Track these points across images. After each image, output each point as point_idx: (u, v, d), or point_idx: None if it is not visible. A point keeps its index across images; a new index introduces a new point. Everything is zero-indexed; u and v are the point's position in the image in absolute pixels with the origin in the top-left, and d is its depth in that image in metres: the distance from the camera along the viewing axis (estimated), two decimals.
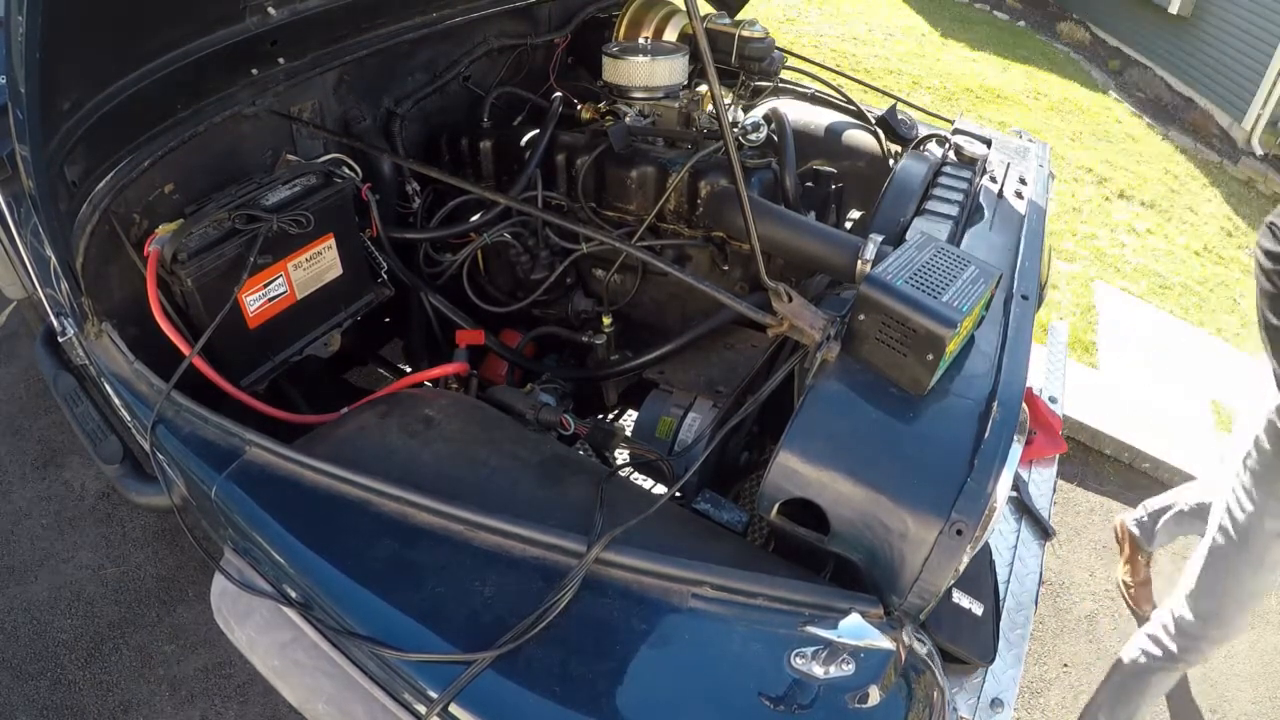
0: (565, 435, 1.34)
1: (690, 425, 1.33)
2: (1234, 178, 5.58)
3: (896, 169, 1.51)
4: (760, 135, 1.58)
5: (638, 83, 1.58)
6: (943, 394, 0.97)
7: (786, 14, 6.66)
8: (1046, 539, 1.37)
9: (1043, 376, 1.80)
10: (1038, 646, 2.20)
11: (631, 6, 1.95)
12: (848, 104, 1.94)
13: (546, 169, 1.62)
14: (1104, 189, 4.83)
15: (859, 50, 6.15)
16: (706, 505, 1.07)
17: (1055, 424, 1.66)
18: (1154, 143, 5.81)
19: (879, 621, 0.84)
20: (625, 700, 0.78)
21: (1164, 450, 2.85)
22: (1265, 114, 5.69)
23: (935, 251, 1.04)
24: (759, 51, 1.75)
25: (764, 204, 1.41)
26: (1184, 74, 6.62)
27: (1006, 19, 8.02)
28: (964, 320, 0.93)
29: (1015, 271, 1.27)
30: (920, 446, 0.92)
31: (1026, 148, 1.80)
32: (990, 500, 0.86)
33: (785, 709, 0.77)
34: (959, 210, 1.38)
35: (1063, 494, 2.69)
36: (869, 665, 0.80)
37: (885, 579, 0.89)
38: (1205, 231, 4.69)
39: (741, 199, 0.99)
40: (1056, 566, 2.44)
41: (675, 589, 0.86)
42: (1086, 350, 3.28)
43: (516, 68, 2.02)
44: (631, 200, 1.56)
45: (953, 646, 0.99)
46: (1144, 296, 3.84)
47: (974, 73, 6.18)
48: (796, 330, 1.04)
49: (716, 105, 0.89)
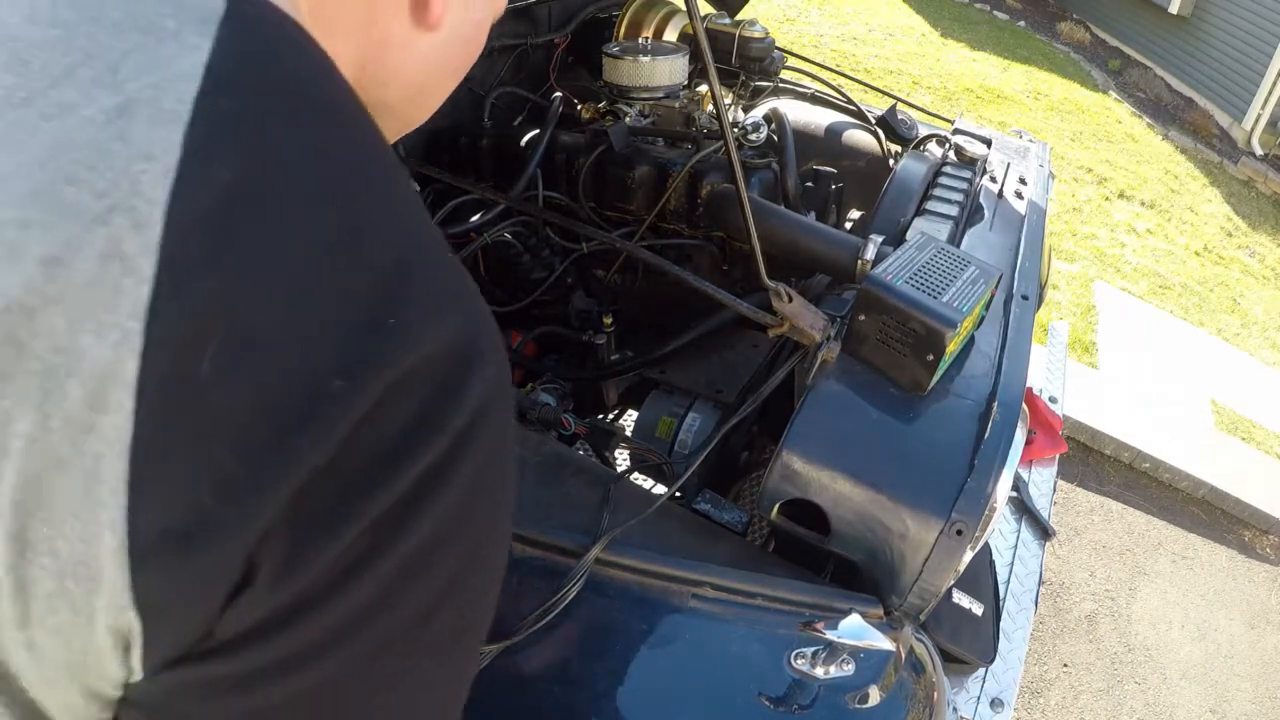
0: (565, 435, 1.34)
1: (691, 425, 1.32)
2: (1234, 178, 5.58)
3: (896, 169, 1.50)
4: (760, 135, 1.58)
5: (638, 83, 1.57)
6: (943, 394, 0.97)
7: (786, 14, 6.66)
8: (1046, 539, 1.37)
9: (1043, 376, 1.80)
10: (1038, 646, 2.20)
11: (631, 6, 1.95)
12: (848, 104, 1.94)
13: (547, 169, 1.62)
14: (1104, 189, 4.83)
15: (859, 50, 6.15)
16: (706, 505, 1.07)
17: (1055, 424, 1.66)
18: (1154, 143, 5.81)
19: (879, 621, 0.84)
20: (625, 700, 0.78)
21: (1164, 450, 2.85)
22: (1265, 114, 5.69)
23: (935, 251, 1.04)
24: (759, 51, 1.75)
25: (764, 204, 1.41)
26: (1184, 74, 6.62)
27: (1006, 19, 8.02)
28: (964, 320, 0.93)
29: (1015, 271, 1.27)
30: (920, 446, 0.92)
31: (1026, 148, 1.80)
32: (990, 500, 0.86)
33: (785, 709, 0.77)
34: (959, 210, 1.38)
35: (1063, 494, 2.69)
36: (869, 665, 0.81)
37: (885, 579, 0.89)
38: (1205, 231, 4.69)
39: (741, 199, 0.99)
40: (1056, 566, 2.44)
41: (675, 589, 0.86)
42: (1086, 350, 3.28)
43: (516, 68, 2.02)
44: (632, 200, 1.56)
45: (953, 646, 0.99)
46: (1144, 296, 3.84)
47: (974, 73, 6.18)
48: (797, 330, 1.04)
49: (716, 105, 0.89)
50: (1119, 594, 2.40)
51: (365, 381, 0.29)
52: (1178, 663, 2.27)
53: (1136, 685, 2.18)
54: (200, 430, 0.27)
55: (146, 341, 0.26)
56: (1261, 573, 2.64)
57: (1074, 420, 2.86)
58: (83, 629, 0.27)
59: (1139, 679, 2.20)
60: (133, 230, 0.27)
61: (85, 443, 0.26)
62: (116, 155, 0.28)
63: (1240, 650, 2.33)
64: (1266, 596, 2.55)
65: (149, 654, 0.28)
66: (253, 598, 0.28)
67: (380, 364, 0.29)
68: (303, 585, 0.28)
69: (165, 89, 0.29)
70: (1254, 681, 2.25)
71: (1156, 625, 2.36)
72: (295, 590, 0.28)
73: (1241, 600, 2.52)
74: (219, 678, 0.29)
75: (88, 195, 0.27)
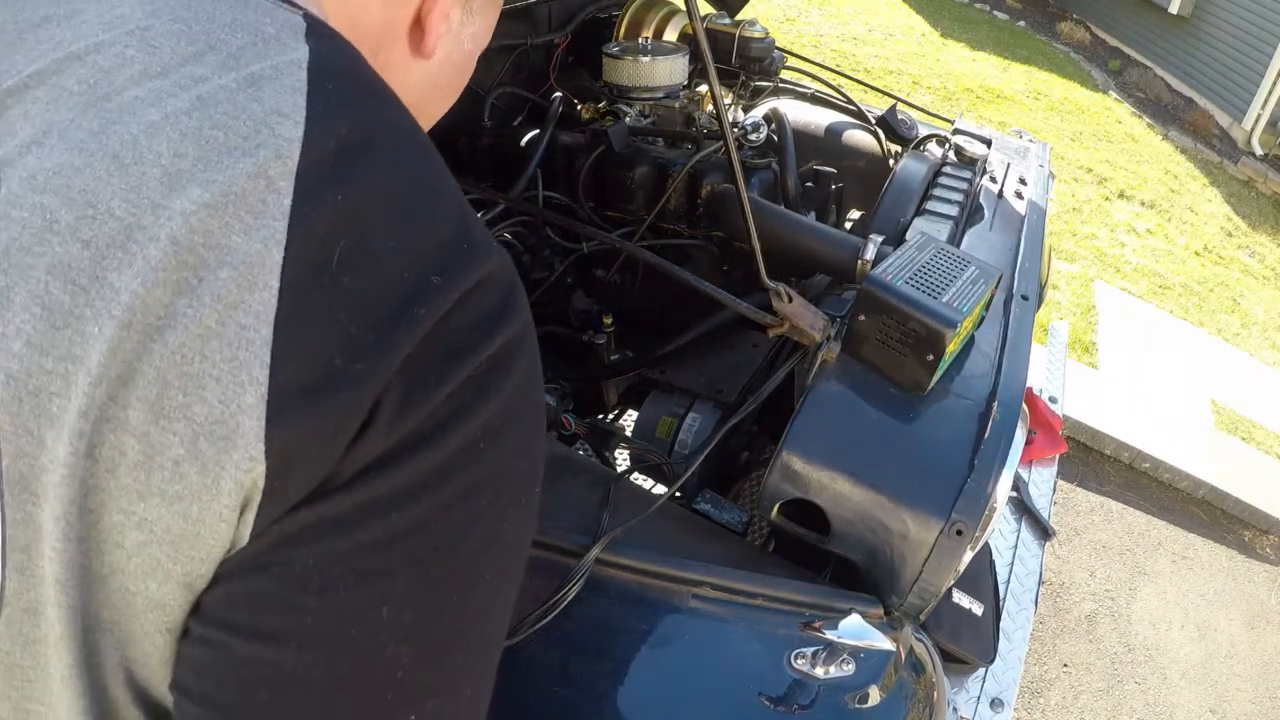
0: (565, 435, 1.34)
1: (691, 425, 1.32)
2: (1234, 178, 5.58)
3: (896, 169, 1.51)
4: (760, 135, 1.58)
5: (638, 83, 1.58)
6: (943, 394, 0.97)
7: (786, 14, 6.66)
8: (1046, 539, 1.37)
9: (1043, 376, 1.80)
10: (1038, 646, 2.20)
11: (631, 6, 1.95)
12: (848, 104, 1.94)
13: (547, 169, 1.62)
14: (1104, 189, 4.83)
15: (859, 50, 6.15)
16: (706, 505, 1.07)
17: (1055, 424, 1.66)
18: (1154, 143, 5.81)
19: (879, 621, 0.84)
20: (625, 700, 0.78)
21: (1164, 450, 2.85)
22: (1265, 114, 5.69)
23: (935, 252, 1.04)
24: (759, 51, 1.75)
25: (764, 204, 1.41)
26: (1184, 74, 6.62)
27: (1006, 19, 8.02)
28: (964, 320, 0.93)
29: (1015, 271, 1.27)
30: (920, 447, 0.92)
31: (1026, 148, 1.80)
32: (990, 500, 0.86)
33: (785, 709, 0.77)
34: (959, 210, 1.38)
35: (1063, 494, 2.69)
36: (869, 665, 0.81)
37: (885, 579, 0.89)
38: (1205, 231, 4.69)
39: (741, 199, 0.99)
40: (1056, 566, 2.44)
41: (675, 589, 0.86)
42: (1086, 350, 3.28)
43: (516, 68, 2.02)
44: (632, 200, 1.56)
45: (953, 646, 0.99)
46: (1144, 296, 3.85)
47: (974, 73, 6.18)
48: (797, 330, 1.04)
49: (716, 105, 0.89)
50: (1119, 594, 2.40)
51: (455, 281, 0.37)
52: (1178, 663, 2.27)
53: (1136, 685, 2.18)
54: (333, 307, 0.33)
55: (290, 238, 0.33)
56: (1261, 573, 2.64)
57: (1074, 420, 2.86)
58: (207, 490, 0.32)
59: (1139, 679, 2.20)
60: (275, 159, 0.34)
61: (233, 315, 0.32)
62: (253, 110, 0.35)
63: (1240, 650, 2.33)
64: (1266, 596, 2.55)
65: (266, 508, 0.33)
66: (373, 437, 0.34)
67: (464, 270, 0.37)
68: (411, 427, 0.35)
69: (283, 70, 0.37)
70: (1254, 681, 2.25)
71: (1156, 625, 2.36)
72: (405, 431, 0.34)
73: (1241, 600, 2.52)
74: (325, 518, 0.34)
75: (235, 137, 0.34)
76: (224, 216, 0.33)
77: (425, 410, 0.35)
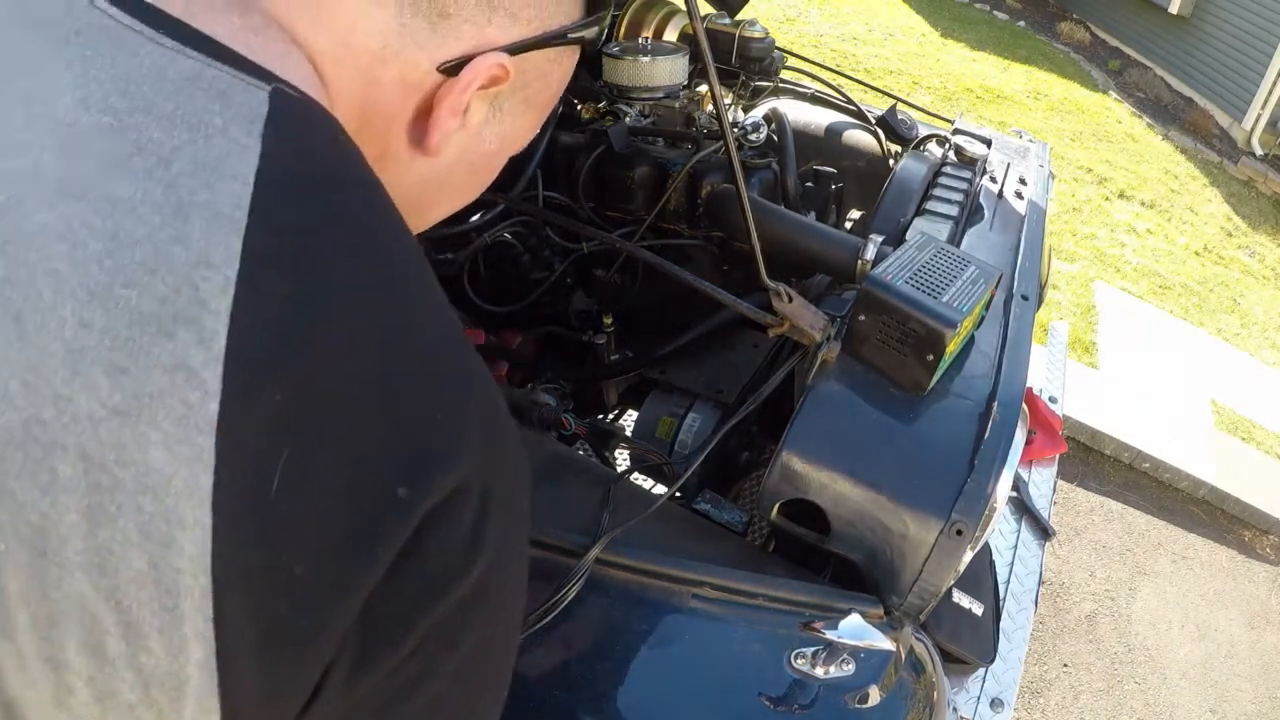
0: (565, 435, 1.34)
1: (691, 425, 1.32)
2: (1234, 178, 5.58)
3: (896, 169, 1.50)
4: (760, 135, 1.58)
5: (638, 83, 1.57)
6: (943, 394, 0.97)
7: (786, 14, 6.66)
8: (1046, 539, 1.37)
9: (1043, 376, 1.80)
10: (1038, 646, 2.20)
11: (631, 6, 1.95)
12: (848, 104, 1.94)
13: (546, 169, 1.62)
14: (1104, 189, 4.83)
15: (859, 50, 6.15)
16: (706, 505, 1.07)
17: (1055, 424, 1.66)
18: (1154, 143, 5.81)
19: (879, 621, 0.84)
20: (625, 700, 0.78)
21: (1164, 450, 2.85)
22: (1265, 114, 5.69)
23: (935, 251, 1.04)
24: (759, 51, 1.75)
25: (764, 204, 1.41)
26: (1184, 74, 6.61)
27: (1006, 19, 8.02)
28: (964, 320, 0.93)
29: (1015, 271, 1.27)
30: (920, 447, 0.92)
31: (1026, 148, 1.80)
32: (990, 500, 0.86)
33: (785, 709, 0.77)
34: (959, 210, 1.38)
35: (1063, 494, 2.69)
36: (869, 665, 0.81)
37: (885, 579, 0.89)
38: (1205, 231, 4.69)
39: (741, 199, 0.99)
40: (1056, 566, 2.44)
41: (675, 589, 0.85)
42: (1086, 350, 3.28)
43: None
44: (632, 200, 1.56)
45: (953, 646, 0.99)
46: (1144, 296, 3.84)
47: (974, 73, 6.18)
48: (797, 330, 1.04)
49: (716, 105, 0.89)
50: (1119, 594, 2.40)
51: (424, 492, 0.30)
52: (1178, 663, 2.27)
53: (1136, 685, 2.18)
54: (274, 543, 0.28)
55: (219, 458, 0.27)
56: (1261, 573, 2.64)
57: (1074, 420, 2.86)
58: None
59: (1139, 679, 2.20)
60: (197, 344, 0.28)
61: (165, 558, 0.27)
62: (175, 260, 0.28)
63: (1240, 650, 2.33)
64: (1266, 596, 2.55)
65: None
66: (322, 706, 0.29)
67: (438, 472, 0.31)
68: (365, 691, 0.30)
69: (219, 191, 0.30)
70: (1254, 681, 2.25)
71: (1156, 625, 2.36)
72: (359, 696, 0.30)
73: (1241, 600, 2.52)
74: None
75: (151, 300, 0.28)
76: (138, 425, 0.27)
77: (383, 670, 0.30)
